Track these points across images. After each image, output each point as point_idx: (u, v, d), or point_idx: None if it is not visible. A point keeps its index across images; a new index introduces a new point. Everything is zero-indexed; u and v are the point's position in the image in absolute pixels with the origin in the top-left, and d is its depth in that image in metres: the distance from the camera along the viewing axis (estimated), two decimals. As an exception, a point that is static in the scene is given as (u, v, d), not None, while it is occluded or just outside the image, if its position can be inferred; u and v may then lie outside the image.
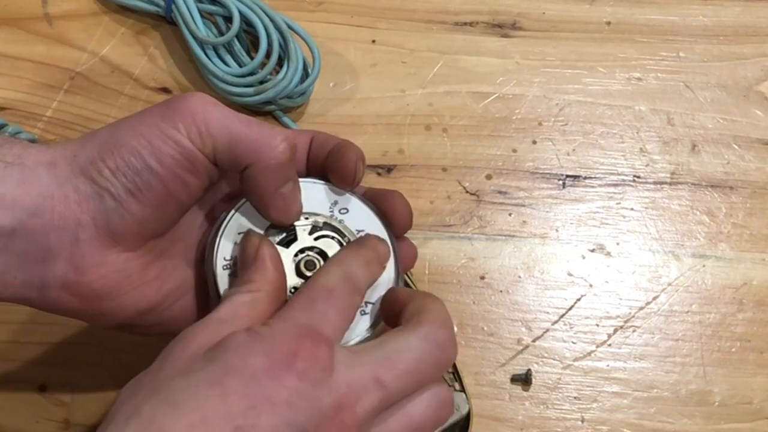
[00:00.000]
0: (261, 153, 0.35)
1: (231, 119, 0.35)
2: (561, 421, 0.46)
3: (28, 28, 0.56)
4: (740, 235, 0.51)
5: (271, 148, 0.35)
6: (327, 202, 0.38)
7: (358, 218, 0.38)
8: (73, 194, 0.34)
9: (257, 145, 0.35)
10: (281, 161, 0.35)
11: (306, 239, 0.38)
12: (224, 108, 0.35)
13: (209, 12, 0.53)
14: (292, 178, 0.37)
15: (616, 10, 0.59)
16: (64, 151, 0.34)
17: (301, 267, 0.37)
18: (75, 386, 0.46)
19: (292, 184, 0.37)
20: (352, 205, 0.39)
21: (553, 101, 0.55)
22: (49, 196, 0.33)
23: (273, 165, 0.35)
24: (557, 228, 0.51)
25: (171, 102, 0.35)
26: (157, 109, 0.35)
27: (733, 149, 0.54)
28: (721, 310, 0.49)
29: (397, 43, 0.57)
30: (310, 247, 0.37)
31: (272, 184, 0.36)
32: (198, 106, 0.34)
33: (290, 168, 0.36)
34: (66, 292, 0.34)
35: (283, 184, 0.36)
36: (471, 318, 0.48)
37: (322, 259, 0.37)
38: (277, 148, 0.35)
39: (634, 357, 0.48)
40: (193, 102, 0.35)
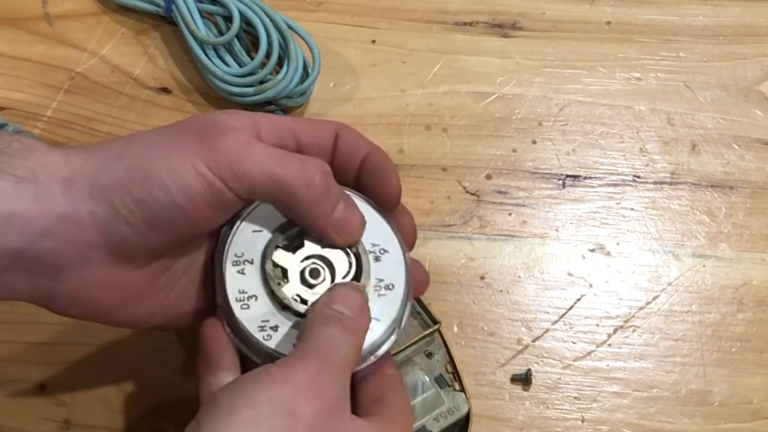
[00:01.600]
0: (297, 191, 0.34)
1: (267, 160, 0.34)
2: (561, 421, 0.46)
3: (28, 28, 0.56)
4: (740, 235, 0.51)
5: (308, 185, 0.34)
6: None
7: (375, 232, 0.38)
8: (88, 218, 0.32)
9: (294, 184, 0.34)
10: (320, 193, 0.34)
11: (313, 246, 0.37)
12: (260, 147, 0.34)
13: (209, 12, 0.53)
14: (339, 197, 0.36)
15: (616, 10, 0.59)
16: (84, 166, 0.33)
17: (305, 274, 0.36)
18: (75, 386, 0.46)
19: (342, 204, 0.36)
20: (371, 217, 0.38)
21: (553, 101, 0.55)
22: (62, 219, 0.32)
23: (314, 199, 0.35)
24: (557, 228, 0.51)
25: (208, 134, 0.33)
26: (193, 139, 0.33)
27: (733, 149, 0.54)
28: (721, 310, 0.49)
29: (397, 43, 0.57)
30: (318, 255, 0.37)
31: (322, 214, 0.35)
32: (235, 146, 0.33)
33: (333, 192, 0.35)
34: (73, 305, 0.34)
35: (333, 209, 0.35)
36: (471, 318, 0.48)
37: (327, 268, 0.37)
38: (313, 182, 0.34)
39: (634, 357, 0.48)
40: (232, 141, 0.33)
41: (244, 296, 0.35)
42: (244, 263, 0.36)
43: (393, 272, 0.37)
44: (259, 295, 0.35)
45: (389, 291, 0.37)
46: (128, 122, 0.53)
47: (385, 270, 0.37)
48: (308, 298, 0.36)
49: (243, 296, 0.35)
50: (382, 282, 0.37)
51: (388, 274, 0.37)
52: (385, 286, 0.37)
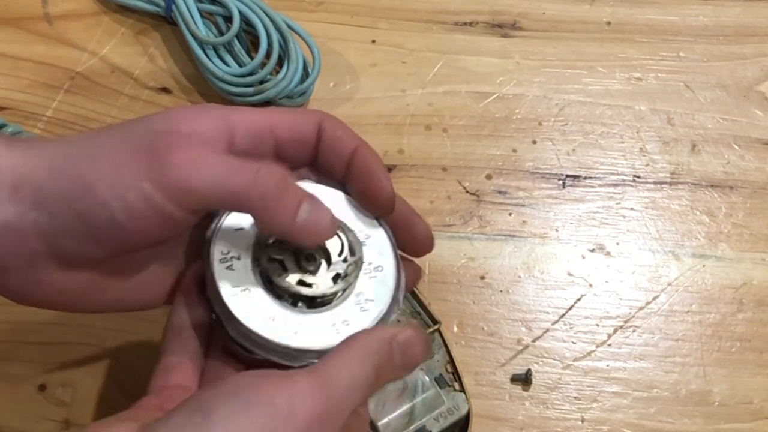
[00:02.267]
0: (253, 204, 0.33)
1: (218, 174, 0.32)
2: (561, 421, 0.46)
3: (28, 28, 0.56)
4: (740, 235, 0.51)
5: (263, 197, 0.33)
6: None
7: (362, 225, 0.38)
8: (31, 226, 0.32)
9: (249, 197, 0.33)
10: (277, 202, 0.33)
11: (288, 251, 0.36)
12: (211, 161, 0.32)
13: (209, 12, 0.53)
14: (301, 200, 0.34)
15: (616, 10, 0.59)
16: (30, 173, 0.32)
17: (301, 260, 0.36)
18: (75, 386, 0.46)
19: (306, 206, 0.34)
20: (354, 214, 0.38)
21: (553, 101, 0.55)
22: (6, 226, 0.32)
23: (271, 209, 0.33)
24: (557, 228, 0.51)
25: (158, 150, 0.32)
26: (141, 156, 0.32)
27: (733, 149, 0.54)
28: (721, 310, 0.49)
29: (397, 43, 0.57)
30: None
31: (283, 222, 0.34)
32: (185, 162, 0.32)
33: (292, 197, 0.34)
34: (24, 299, 0.34)
35: (295, 213, 0.34)
36: (471, 318, 0.48)
37: (323, 254, 0.37)
38: (267, 192, 0.33)
39: (634, 357, 0.48)
40: (182, 157, 0.32)
41: (237, 291, 0.35)
42: (231, 260, 0.36)
43: (382, 254, 0.37)
44: (254, 290, 0.35)
45: (379, 273, 0.37)
46: (128, 122, 0.53)
47: (373, 253, 0.37)
48: (310, 280, 0.36)
49: (237, 291, 0.35)
50: (371, 264, 0.37)
51: (377, 257, 0.37)
52: (374, 268, 0.37)
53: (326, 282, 0.36)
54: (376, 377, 0.32)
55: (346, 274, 0.36)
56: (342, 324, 0.35)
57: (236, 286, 0.35)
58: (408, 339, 0.34)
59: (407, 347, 0.34)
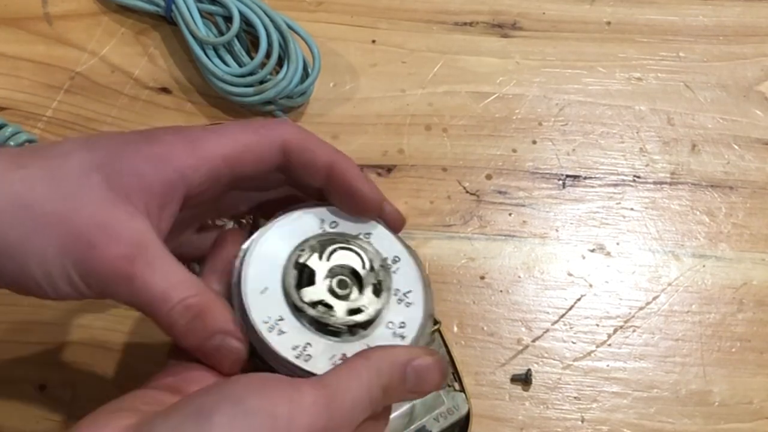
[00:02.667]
0: (157, 316, 0.33)
1: (152, 289, 0.32)
2: (561, 421, 0.46)
3: (28, 28, 0.56)
4: (740, 235, 0.51)
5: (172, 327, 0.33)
6: (317, 223, 0.37)
7: (353, 224, 0.38)
8: None
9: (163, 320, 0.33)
10: (181, 337, 0.33)
11: (322, 266, 0.36)
12: (141, 271, 0.32)
13: (209, 12, 0.53)
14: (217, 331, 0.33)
15: (616, 10, 0.59)
16: None
17: (334, 287, 0.36)
18: (75, 386, 0.46)
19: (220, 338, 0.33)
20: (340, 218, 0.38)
21: (553, 101, 0.55)
22: None
23: (180, 335, 0.33)
24: (557, 228, 0.51)
25: (94, 246, 0.32)
26: (76, 250, 0.32)
27: (733, 149, 0.54)
28: (721, 310, 0.49)
29: (397, 43, 0.57)
30: (332, 268, 0.36)
31: (182, 339, 0.33)
32: (118, 268, 0.32)
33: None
34: None
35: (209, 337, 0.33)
36: (471, 318, 0.48)
37: (351, 275, 0.36)
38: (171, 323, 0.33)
39: (634, 357, 0.48)
40: (115, 262, 0.32)
41: (270, 320, 0.35)
42: (276, 323, 0.35)
43: (409, 281, 0.37)
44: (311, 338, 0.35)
45: (408, 297, 0.37)
46: (128, 122, 0.53)
47: (402, 280, 0.37)
48: (358, 304, 0.36)
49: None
50: (399, 291, 0.37)
51: (405, 283, 0.37)
52: (404, 293, 0.37)
53: (370, 298, 0.36)
54: (384, 397, 0.32)
55: (380, 281, 0.36)
56: None
57: (291, 343, 0.35)
58: (425, 366, 0.33)
59: (422, 374, 0.33)
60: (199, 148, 0.34)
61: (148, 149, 0.34)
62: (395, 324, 0.36)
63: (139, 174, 0.33)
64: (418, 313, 0.37)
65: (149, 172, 0.33)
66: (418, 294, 0.37)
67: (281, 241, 0.36)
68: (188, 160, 0.34)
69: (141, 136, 0.34)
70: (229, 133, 0.35)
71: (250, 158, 0.35)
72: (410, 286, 0.37)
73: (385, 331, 0.36)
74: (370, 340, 0.35)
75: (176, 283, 0.33)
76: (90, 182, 0.33)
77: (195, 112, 0.54)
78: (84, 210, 0.32)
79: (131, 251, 0.32)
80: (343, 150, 0.36)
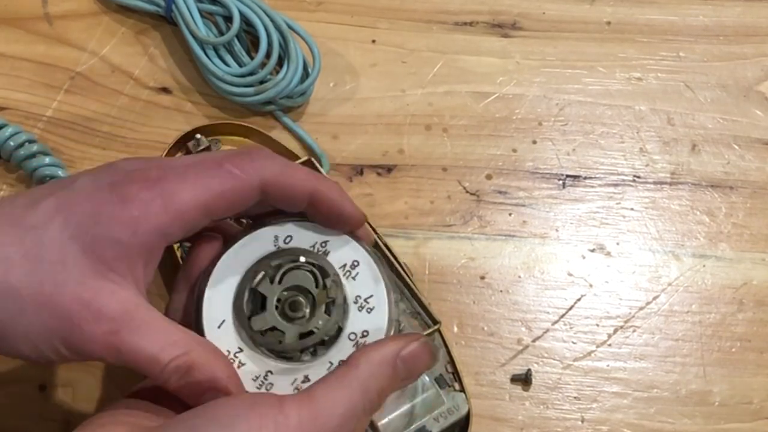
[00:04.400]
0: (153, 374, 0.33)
1: (134, 347, 0.32)
2: (561, 421, 0.46)
3: (28, 28, 0.56)
4: (740, 235, 0.51)
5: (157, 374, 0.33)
6: (271, 241, 0.37)
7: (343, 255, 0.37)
8: None
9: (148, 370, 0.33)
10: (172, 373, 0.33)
11: (274, 290, 0.36)
12: (123, 343, 0.32)
13: (209, 12, 0.53)
14: None
15: (616, 10, 0.59)
16: None
17: (287, 311, 0.36)
18: (75, 386, 0.46)
19: None
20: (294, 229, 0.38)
21: (553, 101, 0.55)
22: None
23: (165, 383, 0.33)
24: (557, 228, 0.51)
25: (75, 324, 0.32)
26: (59, 325, 0.32)
27: (733, 149, 0.54)
28: (721, 310, 0.49)
29: (397, 43, 0.57)
30: (285, 291, 0.36)
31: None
32: (100, 343, 0.32)
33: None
34: None
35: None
36: (471, 318, 0.48)
37: (305, 294, 0.36)
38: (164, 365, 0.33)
39: (634, 357, 0.48)
40: (97, 340, 0.32)
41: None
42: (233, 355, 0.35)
43: (369, 285, 0.37)
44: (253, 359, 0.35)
45: (369, 303, 0.37)
46: (128, 122, 0.53)
47: (361, 285, 0.37)
48: (310, 327, 0.35)
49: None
50: (360, 298, 0.36)
51: (365, 288, 0.37)
52: (365, 299, 0.37)
53: (323, 317, 0.36)
54: (379, 398, 0.33)
55: (332, 299, 0.36)
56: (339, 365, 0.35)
57: (252, 374, 0.35)
58: (412, 353, 0.34)
59: (412, 361, 0.34)
60: (175, 203, 0.34)
61: (123, 212, 0.33)
62: (357, 334, 0.36)
63: (118, 242, 0.33)
64: (381, 318, 0.36)
65: (128, 239, 0.33)
66: (379, 297, 0.36)
67: (234, 268, 0.36)
68: (165, 218, 0.33)
69: (114, 194, 0.33)
70: (203, 181, 0.34)
71: (227, 204, 0.35)
72: (370, 291, 0.37)
73: (347, 344, 0.36)
74: (332, 357, 0.35)
75: (165, 346, 0.33)
76: (69, 257, 0.32)
77: (195, 112, 0.54)
78: (65, 288, 0.32)
79: (115, 326, 0.32)
80: (343, 150, 0.36)
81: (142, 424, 0.31)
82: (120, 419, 0.32)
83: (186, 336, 0.34)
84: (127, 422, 0.31)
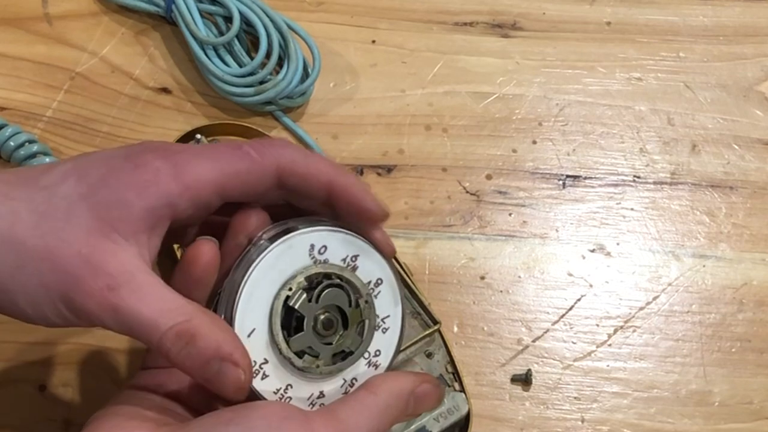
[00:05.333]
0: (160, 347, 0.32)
1: (136, 313, 0.32)
2: (561, 421, 0.46)
3: (28, 28, 0.56)
4: (740, 235, 0.52)
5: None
6: (307, 250, 0.36)
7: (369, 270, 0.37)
8: None
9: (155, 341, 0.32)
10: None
11: (311, 309, 0.35)
12: (127, 302, 0.32)
13: (209, 12, 0.53)
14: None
15: (616, 10, 0.59)
16: None
17: (319, 329, 0.35)
18: (75, 386, 0.46)
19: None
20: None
21: (553, 101, 0.55)
22: None
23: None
24: (557, 228, 0.51)
25: (78, 281, 0.32)
26: (60, 287, 0.32)
27: (733, 149, 0.54)
28: (721, 310, 0.49)
29: (397, 43, 0.57)
30: (319, 311, 0.35)
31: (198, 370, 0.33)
32: (100, 303, 0.32)
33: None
34: None
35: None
36: (471, 318, 0.48)
37: (337, 311, 0.36)
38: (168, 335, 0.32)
39: (634, 357, 0.48)
40: (97, 298, 0.32)
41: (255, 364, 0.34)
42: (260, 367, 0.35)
43: (388, 305, 0.37)
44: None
45: (385, 323, 0.37)
46: (128, 122, 0.53)
47: (382, 305, 0.37)
48: (346, 347, 0.36)
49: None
50: (378, 317, 0.37)
51: (385, 308, 0.37)
52: (382, 319, 0.37)
53: (354, 338, 0.36)
54: (389, 427, 0.34)
55: (365, 320, 0.36)
56: (352, 382, 0.36)
57: (273, 387, 0.35)
58: (425, 393, 0.35)
59: (422, 400, 0.35)
60: (186, 174, 0.33)
61: (133, 176, 0.33)
62: (371, 353, 0.36)
63: (124, 203, 0.33)
64: (393, 339, 0.37)
65: (134, 201, 0.33)
66: (395, 318, 0.37)
67: (270, 278, 0.35)
68: (174, 187, 0.33)
69: (128, 160, 0.34)
70: (219, 159, 0.34)
71: (240, 185, 0.34)
72: (388, 311, 0.37)
73: (360, 362, 0.36)
74: (346, 374, 0.36)
75: (165, 310, 0.32)
76: (75, 214, 0.32)
77: (195, 112, 0.54)
78: (69, 244, 0.32)
79: (115, 281, 0.32)
80: (343, 150, 0.36)
81: (163, 421, 0.31)
82: (133, 413, 0.32)
83: (188, 304, 0.33)
84: (143, 417, 0.32)
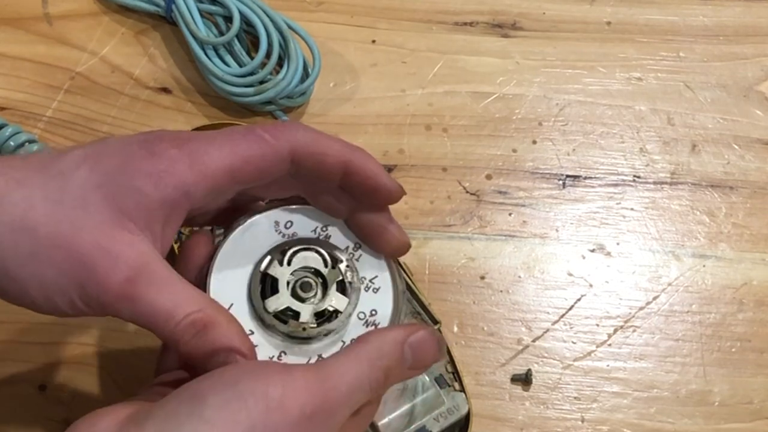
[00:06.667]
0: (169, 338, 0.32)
1: (151, 305, 0.32)
2: (561, 421, 0.46)
3: (28, 28, 0.56)
4: (740, 235, 0.51)
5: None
6: (272, 226, 0.36)
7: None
8: None
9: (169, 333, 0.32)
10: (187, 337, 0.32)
11: (284, 271, 0.36)
12: (142, 295, 0.32)
13: (209, 12, 0.53)
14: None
15: (616, 10, 0.59)
16: None
17: (298, 292, 0.36)
18: (75, 386, 0.46)
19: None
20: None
21: (553, 101, 0.55)
22: None
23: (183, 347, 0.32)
24: (557, 228, 0.51)
25: (95, 271, 0.31)
26: (75, 277, 0.32)
27: (733, 149, 0.54)
28: (721, 310, 0.49)
29: (397, 43, 0.57)
30: (295, 272, 0.36)
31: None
32: (118, 293, 0.32)
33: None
34: None
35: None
36: (471, 318, 0.48)
37: (315, 275, 0.36)
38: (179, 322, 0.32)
39: (634, 357, 0.48)
40: (115, 288, 0.32)
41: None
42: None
43: (373, 266, 0.37)
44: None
45: (374, 283, 0.37)
46: (128, 122, 0.53)
47: (365, 267, 0.37)
48: (324, 307, 0.35)
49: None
50: (365, 279, 0.37)
51: (369, 269, 0.37)
52: (370, 280, 0.37)
53: (338, 297, 0.36)
54: (385, 379, 0.32)
55: (347, 281, 0.36)
56: None
57: (265, 355, 0.35)
58: (420, 340, 0.33)
59: (419, 349, 0.33)
60: (201, 163, 0.33)
61: (149, 166, 0.33)
62: (366, 314, 0.36)
63: (140, 193, 0.32)
64: (387, 298, 0.36)
65: (150, 191, 0.33)
66: (384, 276, 0.37)
67: (240, 252, 0.36)
68: (190, 176, 0.33)
69: (144, 149, 0.33)
70: (233, 144, 0.34)
71: (255, 170, 0.34)
72: (375, 272, 0.37)
73: (357, 324, 0.36)
74: (344, 337, 0.36)
75: (180, 301, 0.32)
76: (91, 203, 0.32)
77: (195, 112, 0.54)
78: (84, 233, 0.32)
79: (133, 273, 0.32)
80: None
81: (151, 401, 0.31)
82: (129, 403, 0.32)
83: (202, 295, 0.33)
84: (136, 402, 0.31)
